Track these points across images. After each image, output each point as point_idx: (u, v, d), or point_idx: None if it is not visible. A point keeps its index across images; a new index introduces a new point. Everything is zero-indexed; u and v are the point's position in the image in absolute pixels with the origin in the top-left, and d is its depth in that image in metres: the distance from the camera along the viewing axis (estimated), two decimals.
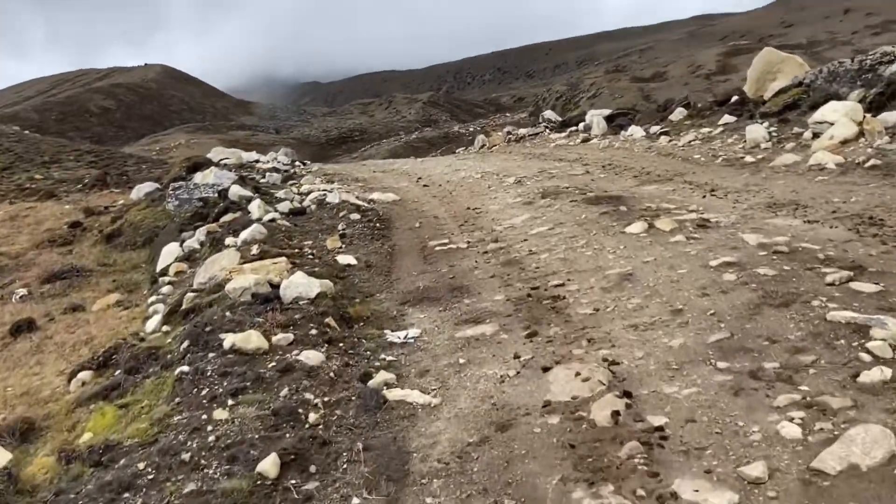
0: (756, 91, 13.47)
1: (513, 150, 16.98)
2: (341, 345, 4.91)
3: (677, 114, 14.03)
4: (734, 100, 13.22)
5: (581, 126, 16.72)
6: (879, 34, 57.57)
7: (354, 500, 3.17)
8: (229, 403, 3.90)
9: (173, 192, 12.17)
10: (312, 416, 3.81)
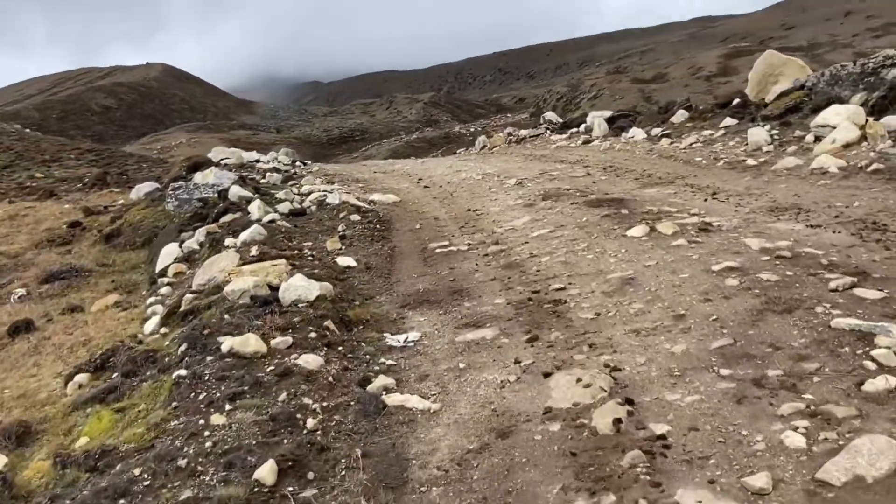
0: (758, 94, 13.44)
1: (514, 151, 16.93)
2: (340, 348, 4.88)
3: (679, 116, 13.98)
4: (736, 102, 13.18)
5: (582, 127, 16.68)
6: (880, 37, 57.58)
7: None
8: (227, 408, 3.86)
9: (173, 192, 12.13)
10: (311, 421, 3.77)
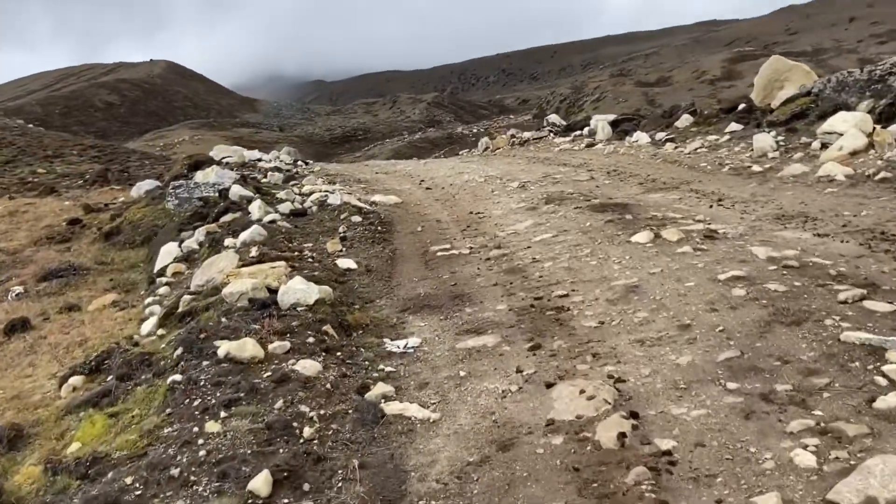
0: (763, 99, 13.35)
1: (517, 153, 16.85)
2: (339, 354, 4.79)
3: (683, 120, 13.89)
4: (741, 107, 13.08)
5: (586, 130, 16.61)
6: (885, 43, 57.51)
7: None
8: (222, 415, 3.78)
9: (173, 191, 12.04)
10: (307, 430, 3.69)
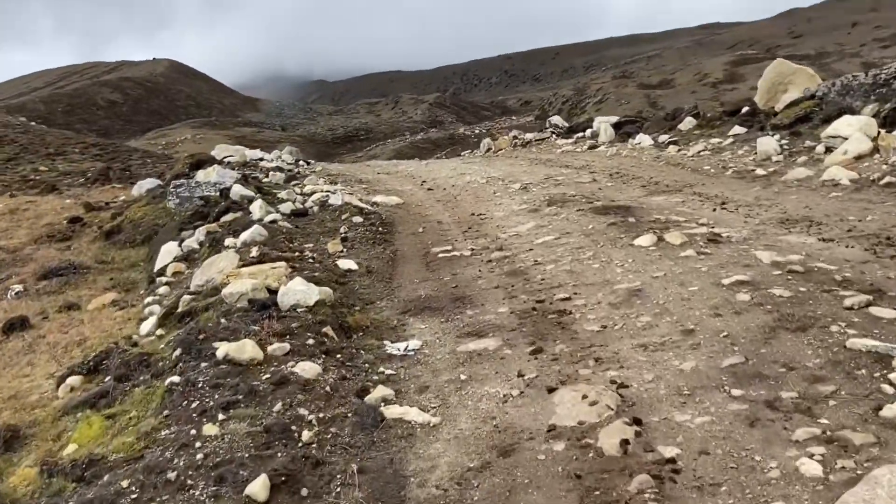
0: (767, 102, 13.29)
1: (519, 154, 16.81)
2: (339, 356, 4.75)
3: (686, 123, 13.84)
4: (744, 110, 13.02)
5: (588, 132, 16.55)
6: (888, 47, 57.41)
7: None
8: (220, 418, 3.74)
9: (174, 190, 12.00)
10: (306, 433, 3.64)
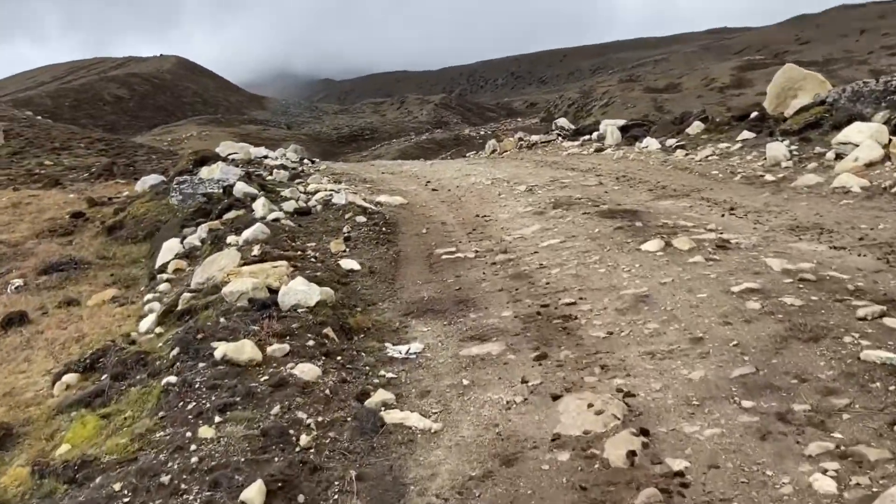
0: (776, 107, 13.15)
1: (524, 156, 16.71)
2: (339, 358, 4.66)
3: (694, 127, 13.71)
4: (753, 115, 12.90)
5: (595, 135, 16.43)
6: None
7: None
8: (216, 420, 3.65)
9: (177, 186, 11.93)
10: (304, 438, 3.56)
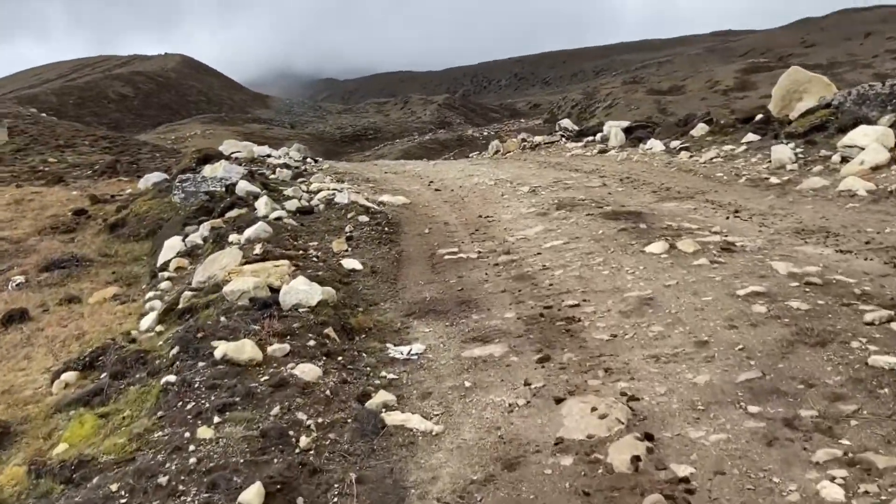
0: (781, 110, 13.09)
1: (527, 157, 16.67)
2: (340, 358, 4.62)
3: (699, 129, 13.65)
4: (758, 118, 12.84)
5: (598, 136, 16.39)
6: None
7: None
8: (215, 421, 3.61)
9: (180, 184, 11.93)
10: (304, 439, 3.52)
